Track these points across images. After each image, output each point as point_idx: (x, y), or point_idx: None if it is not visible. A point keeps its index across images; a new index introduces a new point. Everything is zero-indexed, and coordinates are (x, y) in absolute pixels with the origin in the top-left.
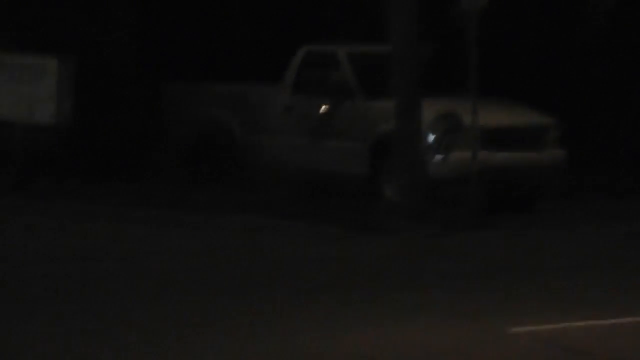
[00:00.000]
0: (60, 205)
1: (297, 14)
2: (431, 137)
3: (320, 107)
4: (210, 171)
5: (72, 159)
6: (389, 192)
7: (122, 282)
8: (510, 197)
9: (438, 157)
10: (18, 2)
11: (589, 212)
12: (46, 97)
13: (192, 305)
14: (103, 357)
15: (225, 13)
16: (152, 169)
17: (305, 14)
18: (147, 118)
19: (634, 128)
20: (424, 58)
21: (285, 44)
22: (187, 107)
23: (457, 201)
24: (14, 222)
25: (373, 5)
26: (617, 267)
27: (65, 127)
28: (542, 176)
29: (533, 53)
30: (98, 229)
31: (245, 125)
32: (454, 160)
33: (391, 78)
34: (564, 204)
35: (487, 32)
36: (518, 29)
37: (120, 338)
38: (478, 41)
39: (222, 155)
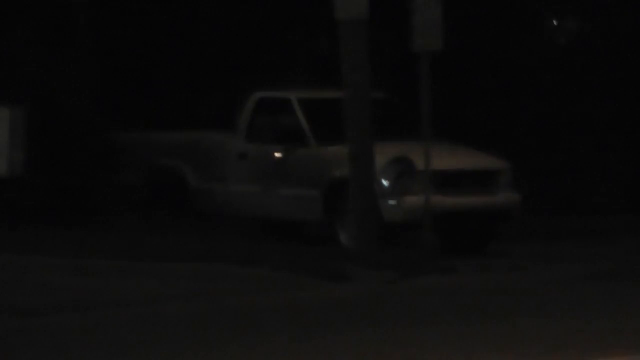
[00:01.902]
0: (9, 256)
1: (249, 59)
2: (384, 182)
3: (274, 153)
4: (164, 219)
5: (23, 208)
6: (344, 237)
7: (75, 335)
8: (464, 240)
9: (391, 201)
10: None
11: (545, 254)
12: None
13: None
14: None
15: (179, 60)
16: (106, 218)
17: (257, 59)
18: (100, 167)
19: (589, 169)
20: (377, 103)
21: (237, 90)
22: (140, 156)
23: (411, 244)
24: None
25: (324, 50)
26: (574, 310)
27: (17, 177)
28: (495, 219)
29: (486, 96)
30: (49, 281)
31: (198, 173)
32: (407, 204)
33: (344, 123)
34: (518, 246)
35: (440, 75)
36: (471, 72)
37: None
38: (431, 84)
39: (175, 202)
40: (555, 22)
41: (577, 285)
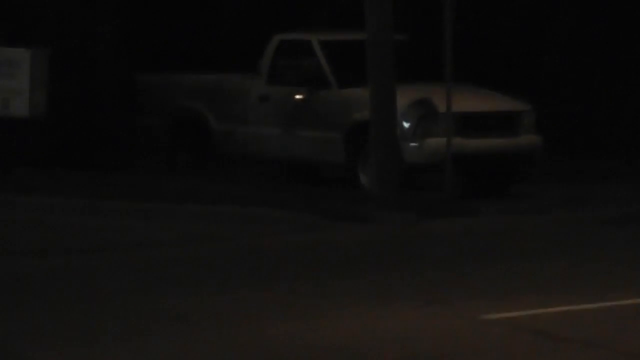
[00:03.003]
0: (36, 198)
1: (270, 1)
2: (406, 124)
3: (296, 96)
4: (186, 161)
5: (47, 151)
6: (365, 180)
7: (105, 275)
8: (485, 182)
9: (413, 144)
10: None
11: (564, 198)
12: (20, 89)
13: (177, 299)
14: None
15: (201, 3)
16: (128, 160)
17: (279, 1)
18: (123, 109)
19: (612, 113)
20: (399, 45)
21: (260, 32)
22: (163, 98)
23: (433, 187)
24: None
25: None
26: (592, 253)
27: (40, 118)
28: (517, 161)
29: (509, 38)
30: (75, 222)
31: (220, 115)
32: (428, 146)
33: (366, 66)
34: (539, 189)
35: (463, 17)
36: (494, 13)
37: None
38: (454, 26)
39: (198, 145)
40: None
41: (597, 228)
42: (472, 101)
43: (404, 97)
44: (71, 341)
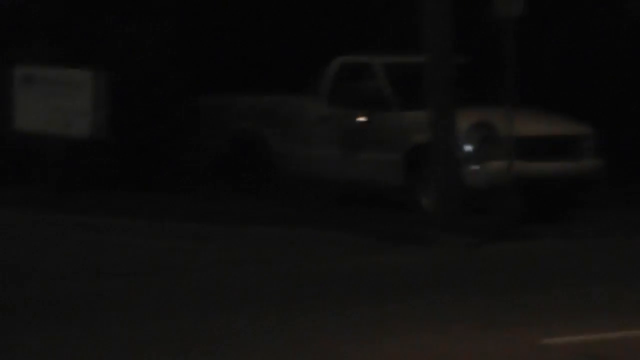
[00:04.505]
0: (91, 218)
1: (330, 25)
2: (466, 147)
3: (356, 118)
4: (246, 183)
5: (108, 172)
6: (425, 202)
7: (161, 297)
8: (546, 206)
9: (473, 167)
10: (54, 15)
11: (625, 222)
12: (81, 110)
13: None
14: None
15: (259, 25)
16: (188, 181)
17: (338, 24)
18: (184, 131)
19: None
20: (459, 68)
21: (319, 54)
22: (223, 120)
23: (493, 211)
24: (44, 236)
25: (407, 15)
26: None
27: (101, 140)
28: (577, 185)
29: (570, 61)
30: (134, 243)
31: (280, 137)
32: (489, 169)
33: (426, 88)
34: (600, 214)
35: (523, 39)
36: (554, 36)
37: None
38: (515, 49)
39: (258, 167)
40: None
41: None
42: (533, 124)
43: (464, 120)
44: None
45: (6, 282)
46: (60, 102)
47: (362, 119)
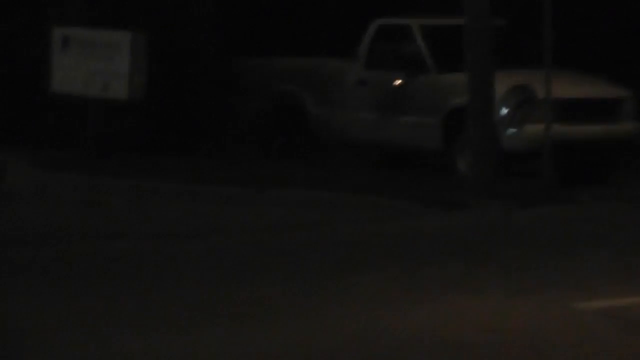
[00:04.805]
0: (129, 181)
1: None
2: (504, 110)
3: (394, 80)
4: (282, 146)
5: (145, 135)
6: (462, 166)
7: (196, 261)
8: (585, 170)
9: (511, 130)
10: None
11: None
12: (119, 73)
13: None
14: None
15: None
16: (225, 145)
17: None
18: (220, 93)
19: None
20: (497, 30)
21: (356, 17)
22: (259, 82)
23: (531, 174)
24: (79, 198)
25: None
26: None
27: (139, 102)
28: (617, 149)
29: (610, 23)
30: (170, 206)
31: (317, 100)
32: (527, 133)
33: (464, 51)
34: (639, 177)
35: (562, 2)
36: None
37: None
38: (553, 11)
39: (294, 129)
40: None
41: None
42: (571, 87)
43: (502, 83)
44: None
45: (30, 241)
46: (98, 65)
47: (399, 81)
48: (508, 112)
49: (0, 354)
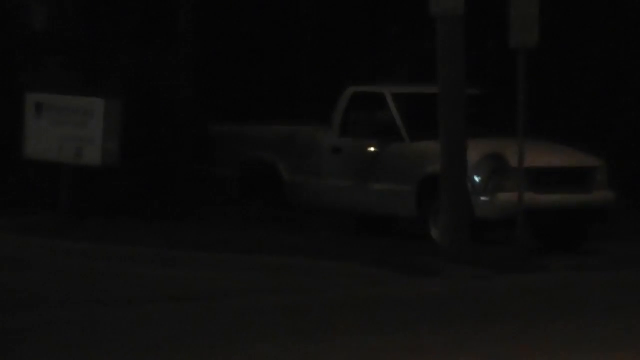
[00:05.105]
0: (101, 246)
1: (342, 56)
2: (477, 179)
3: (368, 148)
4: (257, 212)
5: (119, 200)
6: (436, 234)
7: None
8: (557, 238)
9: (484, 198)
10: (69, 40)
11: (637, 254)
12: (93, 139)
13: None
14: None
15: (275, 54)
16: (199, 210)
17: (350, 56)
18: (196, 160)
19: None
20: (471, 99)
21: (331, 85)
22: (235, 149)
23: (504, 242)
24: (53, 264)
25: (419, 46)
26: None
27: (113, 168)
28: (589, 218)
29: (584, 94)
30: (146, 272)
31: (291, 167)
32: (500, 201)
33: (438, 119)
34: (611, 246)
35: (536, 71)
36: (567, 68)
37: None
38: (527, 82)
39: (269, 196)
40: None
41: None
42: (544, 156)
43: (475, 151)
44: None
45: (9, 307)
46: (71, 131)
47: (372, 149)
48: (481, 180)
49: None
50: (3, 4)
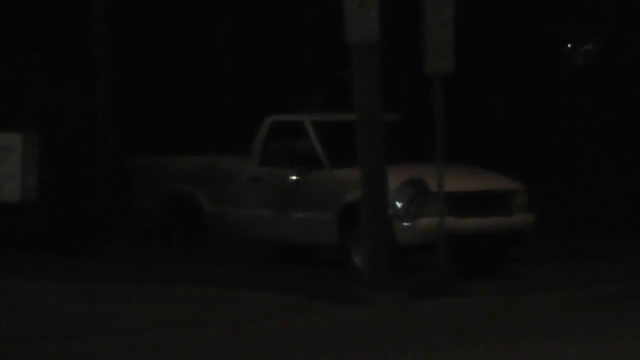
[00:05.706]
0: (20, 282)
1: (259, 85)
2: (398, 204)
3: (288, 177)
4: (178, 244)
5: (38, 235)
6: (358, 260)
7: None
8: (478, 262)
9: (405, 223)
10: None
11: (557, 277)
12: (11, 174)
13: None
14: None
15: (193, 85)
16: (119, 243)
17: (267, 85)
18: (115, 193)
19: (607, 190)
20: (390, 125)
21: (249, 114)
22: (154, 181)
23: (425, 267)
24: None
25: (336, 74)
26: (586, 334)
27: (31, 203)
28: (509, 241)
29: (499, 117)
30: (65, 308)
31: (212, 197)
32: (421, 226)
33: (357, 146)
34: (532, 269)
35: (454, 97)
36: (485, 93)
37: None
38: (445, 106)
39: (190, 227)
40: (569, 45)
41: (585, 308)
42: (464, 180)
43: (395, 177)
44: None
45: None
46: None
47: (293, 178)
48: (402, 206)
49: None
50: None
